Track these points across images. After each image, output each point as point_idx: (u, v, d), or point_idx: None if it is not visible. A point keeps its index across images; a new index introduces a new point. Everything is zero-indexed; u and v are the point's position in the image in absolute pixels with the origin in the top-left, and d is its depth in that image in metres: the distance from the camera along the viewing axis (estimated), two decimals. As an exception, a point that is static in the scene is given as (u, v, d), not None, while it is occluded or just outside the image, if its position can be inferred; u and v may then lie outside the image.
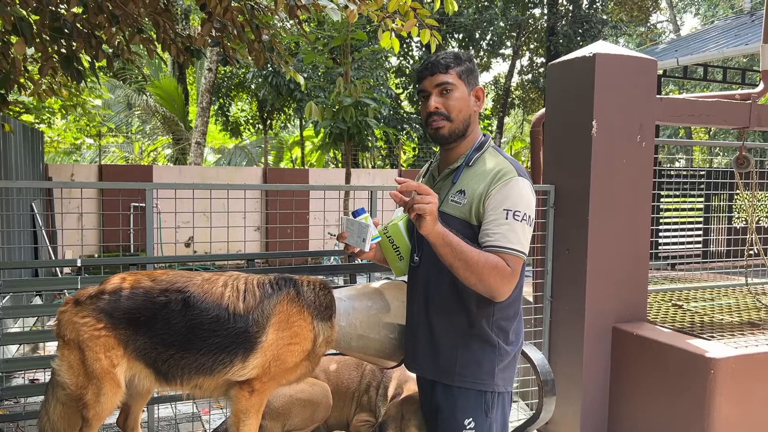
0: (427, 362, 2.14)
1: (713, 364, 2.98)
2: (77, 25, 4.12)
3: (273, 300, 2.14)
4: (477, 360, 2.06)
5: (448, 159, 2.18)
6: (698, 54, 10.21)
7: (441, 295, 2.10)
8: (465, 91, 2.10)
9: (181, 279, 2.14)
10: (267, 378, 2.11)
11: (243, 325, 2.08)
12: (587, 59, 3.50)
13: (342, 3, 3.18)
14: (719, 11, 27.71)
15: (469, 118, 2.12)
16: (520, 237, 1.96)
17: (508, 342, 2.11)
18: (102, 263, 2.92)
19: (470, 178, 2.07)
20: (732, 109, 3.94)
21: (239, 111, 21.00)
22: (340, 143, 8.71)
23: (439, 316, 2.11)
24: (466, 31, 17.28)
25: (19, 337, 3.11)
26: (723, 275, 5.07)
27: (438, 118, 2.09)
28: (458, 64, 2.10)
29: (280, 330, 2.11)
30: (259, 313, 2.11)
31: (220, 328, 2.07)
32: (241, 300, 2.12)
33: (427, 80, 2.11)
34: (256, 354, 2.08)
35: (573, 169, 3.63)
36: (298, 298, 2.18)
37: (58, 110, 9.26)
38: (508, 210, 1.96)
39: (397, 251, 2.24)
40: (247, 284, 2.17)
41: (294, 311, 2.15)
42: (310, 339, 2.16)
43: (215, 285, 2.15)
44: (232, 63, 4.72)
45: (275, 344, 2.10)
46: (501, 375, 2.09)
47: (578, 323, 3.58)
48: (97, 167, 11.36)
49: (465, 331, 2.07)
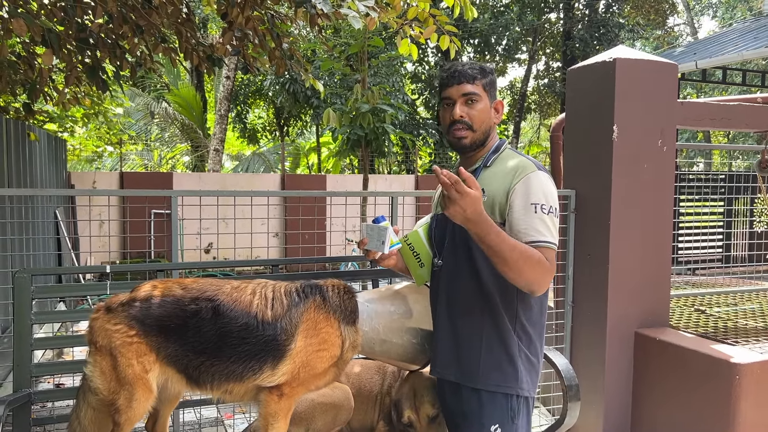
0: (450, 365, 2.15)
1: (738, 369, 2.96)
2: (101, 35, 4.21)
3: (300, 308, 2.17)
4: (501, 363, 2.07)
5: (466, 164, 2.22)
6: (717, 57, 10.12)
7: (464, 297, 2.11)
8: (488, 103, 2.15)
9: (211, 288, 2.18)
10: (296, 383, 2.14)
11: (272, 333, 2.11)
12: (607, 64, 3.50)
13: (363, 11, 3.22)
14: (737, 13, 27.44)
15: (490, 130, 2.17)
16: (551, 229, 1.99)
17: (532, 345, 2.12)
18: (129, 269, 2.98)
19: (489, 177, 2.11)
20: (754, 112, 3.92)
21: (256, 118, 21.19)
22: (357, 149, 8.76)
23: (462, 318, 2.12)
24: (482, 36, 17.30)
25: (48, 342, 3.17)
26: (745, 280, 5.02)
27: (462, 126, 2.12)
28: (484, 76, 2.14)
29: (309, 337, 2.14)
30: (287, 320, 2.14)
31: (250, 335, 2.10)
32: (269, 308, 2.15)
33: (453, 88, 2.13)
34: (285, 361, 2.11)
35: (594, 174, 3.62)
36: (325, 305, 2.21)
37: (80, 119, 9.42)
38: (535, 204, 1.98)
39: (418, 258, 2.25)
40: (275, 292, 2.21)
41: (321, 318, 2.18)
42: (338, 345, 2.19)
43: (244, 293, 2.18)
44: (252, 71, 4.78)
45: (304, 351, 2.13)
46: (526, 378, 2.08)
47: (600, 328, 3.57)
48: (119, 175, 11.52)
49: (488, 334, 2.08)
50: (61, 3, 4.05)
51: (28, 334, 2.51)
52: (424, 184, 14.04)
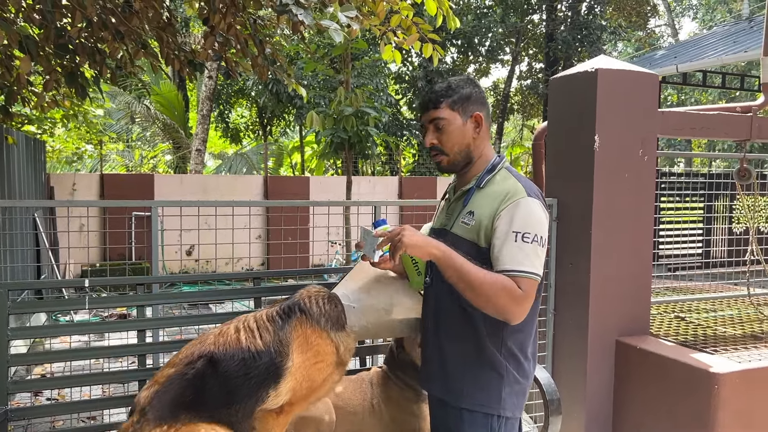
0: (437, 381, 2.16)
1: (717, 379, 2.99)
2: (80, 40, 4.15)
3: (287, 328, 2.19)
4: (485, 384, 2.05)
5: (462, 181, 2.19)
6: (697, 61, 10.25)
7: (451, 317, 2.09)
8: (459, 122, 2.09)
9: (197, 346, 2.19)
10: (295, 399, 2.16)
11: (268, 359, 2.13)
12: (589, 74, 3.52)
13: (344, 22, 3.20)
14: (717, 15, 27.81)
15: (468, 147, 2.11)
16: (531, 259, 1.92)
17: (520, 367, 2.09)
18: (108, 283, 2.94)
19: (480, 199, 2.07)
20: (733, 121, 3.97)
21: (239, 117, 21.04)
22: (340, 152, 8.74)
23: (448, 338, 2.11)
24: (465, 37, 17.34)
25: (25, 358, 3.10)
26: (725, 285, 5.08)
27: (435, 153, 2.13)
28: (449, 95, 2.08)
29: (303, 352, 2.16)
30: (278, 343, 2.16)
31: (250, 369, 2.11)
32: (258, 337, 2.16)
33: (423, 116, 2.13)
34: (286, 379, 2.13)
35: (576, 183, 3.64)
36: (309, 318, 2.22)
37: (59, 120, 9.29)
38: (517, 232, 1.93)
39: (416, 266, 2.25)
40: (258, 321, 2.22)
41: (309, 332, 2.19)
42: (332, 353, 2.21)
43: (229, 335, 2.19)
44: (234, 76, 4.74)
45: (302, 366, 2.15)
46: (510, 400, 2.06)
47: (581, 337, 3.59)
48: (99, 176, 11.37)
49: (474, 355, 2.06)
50: (39, 6, 3.99)
51: (4, 350, 2.46)
52: (408, 186, 14.05)
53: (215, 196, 11.83)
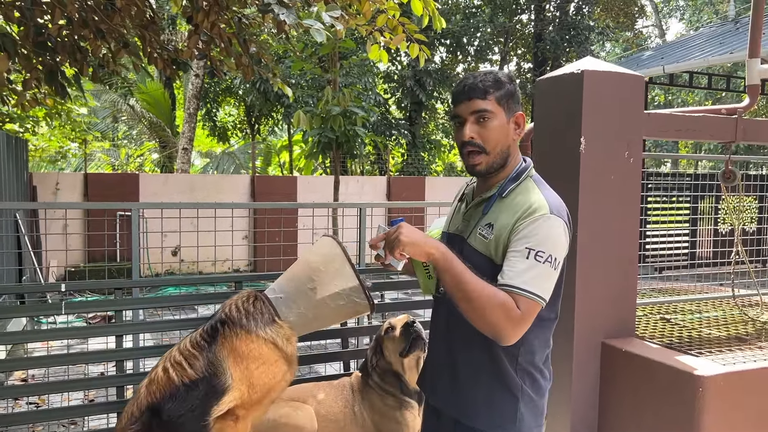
0: (447, 397, 2.02)
1: (702, 381, 2.98)
2: (60, 38, 4.07)
3: (214, 348, 2.16)
4: (501, 403, 1.92)
5: (483, 186, 2.01)
6: (684, 62, 10.31)
7: (463, 334, 1.93)
8: (504, 119, 1.90)
9: (134, 405, 2.16)
10: (249, 404, 2.13)
11: (206, 385, 2.11)
12: (575, 76, 3.50)
13: (328, 21, 3.16)
14: (704, 16, 28.02)
15: (508, 149, 1.94)
16: (539, 280, 1.75)
17: (536, 384, 1.97)
18: (86, 287, 2.88)
19: (501, 211, 1.89)
20: (718, 123, 3.96)
21: (227, 116, 20.91)
22: (328, 151, 8.69)
23: (462, 352, 1.96)
24: (453, 36, 17.33)
25: (5, 364, 3.03)
26: (710, 286, 5.09)
27: (473, 149, 1.90)
28: (498, 88, 1.89)
29: (239, 363, 2.13)
30: (210, 365, 2.13)
31: (191, 401, 2.08)
32: (188, 368, 2.14)
33: (462, 105, 1.90)
34: (231, 393, 2.10)
35: (561, 185, 3.59)
36: (234, 328, 2.19)
37: (42, 118, 9.16)
38: (530, 249, 1.76)
39: (427, 269, 2.12)
40: (183, 352, 2.19)
41: (237, 343, 2.16)
42: (270, 351, 2.18)
43: (158, 378, 2.16)
44: (219, 76, 4.68)
45: (244, 376, 2.12)
46: (528, 418, 1.93)
47: (567, 339, 3.57)
48: (83, 176, 11.23)
49: (488, 372, 1.92)
50: (18, 3, 3.91)
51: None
52: (397, 186, 14.02)
53: (201, 196, 11.73)
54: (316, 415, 2.54)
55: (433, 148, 19.07)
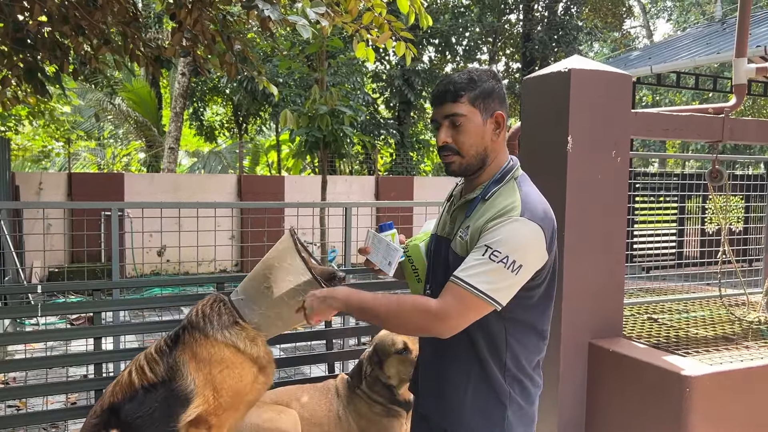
0: (433, 404, 1.99)
1: (689, 381, 2.97)
2: (40, 34, 4.00)
3: (175, 353, 2.16)
4: (488, 410, 1.88)
5: (468, 187, 1.98)
6: (671, 62, 10.35)
7: (450, 339, 1.85)
8: (479, 120, 1.85)
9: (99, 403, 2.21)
10: (220, 411, 2.10)
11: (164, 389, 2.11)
12: (562, 74, 3.48)
13: (314, 18, 3.12)
14: (691, 17, 28.23)
15: (485, 150, 1.89)
16: (486, 276, 1.70)
17: (525, 391, 1.92)
18: (65, 288, 2.82)
19: (481, 213, 1.84)
20: (705, 123, 3.96)
21: (214, 115, 20.77)
22: (315, 151, 8.64)
23: (448, 358, 1.92)
24: (442, 36, 17.33)
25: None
26: (697, 285, 5.10)
27: (448, 153, 1.87)
28: (472, 88, 1.83)
29: (201, 368, 2.12)
30: (170, 370, 2.14)
31: (148, 404, 2.09)
32: (148, 372, 2.15)
33: (437, 110, 1.88)
34: (196, 400, 2.10)
35: (548, 184, 3.58)
36: (194, 332, 2.19)
37: (25, 117, 9.03)
38: (488, 247, 1.73)
39: (416, 272, 2.10)
40: (147, 357, 2.21)
41: (198, 348, 2.15)
42: (234, 353, 2.16)
43: (123, 380, 2.19)
44: (203, 73, 4.62)
45: (208, 380, 2.10)
46: (516, 424, 1.89)
47: (554, 339, 3.55)
48: (67, 175, 11.09)
49: (475, 377, 1.88)
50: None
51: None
52: (385, 185, 13.98)
53: (187, 196, 11.63)
54: (300, 418, 2.50)
55: (421, 147, 19.07)
